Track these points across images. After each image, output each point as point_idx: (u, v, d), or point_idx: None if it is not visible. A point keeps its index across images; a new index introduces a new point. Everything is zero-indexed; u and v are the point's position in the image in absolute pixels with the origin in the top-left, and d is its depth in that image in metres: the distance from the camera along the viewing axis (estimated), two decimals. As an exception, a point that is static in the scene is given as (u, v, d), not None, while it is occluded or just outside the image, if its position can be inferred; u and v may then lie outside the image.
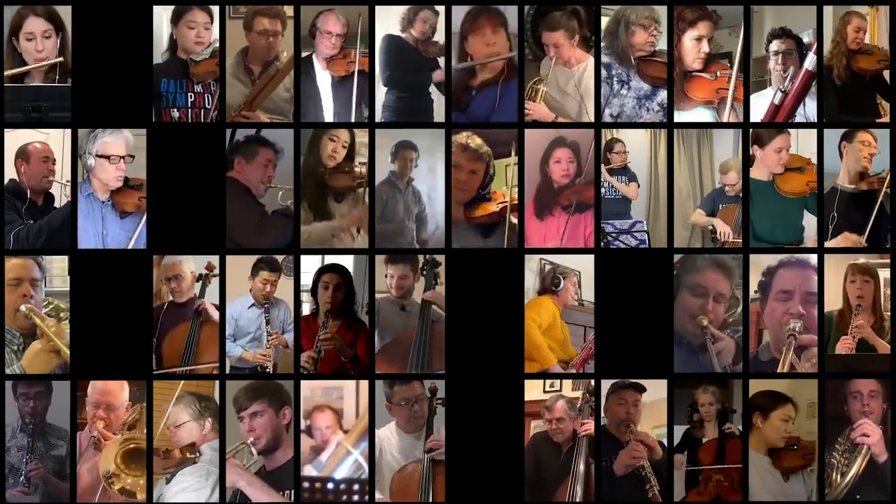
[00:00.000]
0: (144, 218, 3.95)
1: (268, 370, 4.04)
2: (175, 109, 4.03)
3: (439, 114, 4.07)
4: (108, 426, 3.90)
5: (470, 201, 4.06)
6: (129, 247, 3.96)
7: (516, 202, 4.02)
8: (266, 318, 4.10)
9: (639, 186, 4.24)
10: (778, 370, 3.89)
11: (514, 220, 4.04)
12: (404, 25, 4.08)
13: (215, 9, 4.03)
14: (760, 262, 3.99)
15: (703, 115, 4.07)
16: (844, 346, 3.92)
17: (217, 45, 4.03)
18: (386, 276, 4.06)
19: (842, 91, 4.04)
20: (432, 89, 4.09)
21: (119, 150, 3.93)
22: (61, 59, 3.95)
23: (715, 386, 3.96)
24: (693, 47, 4.03)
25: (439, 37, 4.07)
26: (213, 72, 4.02)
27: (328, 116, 4.08)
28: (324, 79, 4.09)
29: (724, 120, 4.04)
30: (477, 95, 4.06)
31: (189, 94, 4.04)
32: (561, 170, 4.08)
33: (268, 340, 4.07)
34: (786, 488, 3.95)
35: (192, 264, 4.04)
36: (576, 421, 3.95)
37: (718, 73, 4.04)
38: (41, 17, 3.94)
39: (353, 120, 4.04)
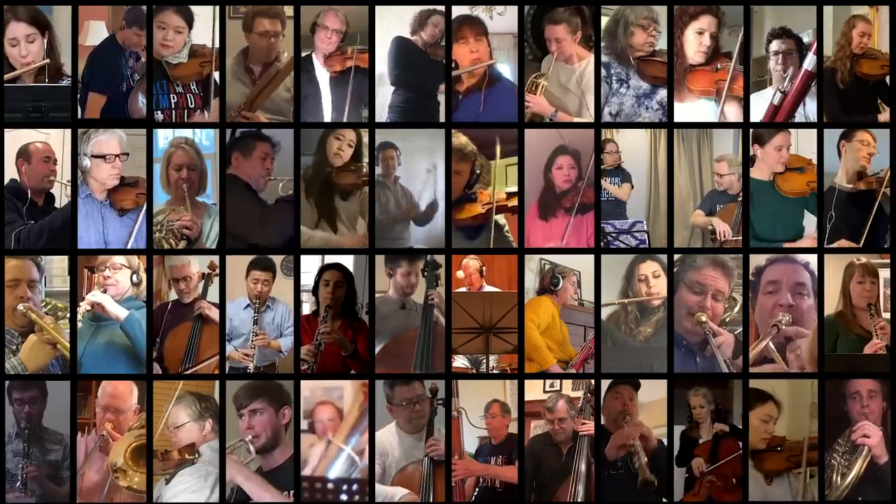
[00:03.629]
0: (143, 213, 3.96)
1: (248, 370, 4.01)
2: (159, 112, 4.03)
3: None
4: (117, 428, 3.91)
5: (455, 202, 4.06)
6: (130, 244, 3.96)
7: (503, 203, 4.03)
8: (254, 319, 4.09)
9: (632, 187, 4.25)
10: (750, 353, 3.89)
11: (502, 221, 4.07)
12: (414, 28, 4.09)
13: (205, 10, 4.01)
14: (752, 263, 3.99)
15: (704, 106, 4.08)
16: (875, 348, 3.91)
17: (189, 46, 4.03)
18: (390, 273, 4.07)
19: (844, 95, 4.05)
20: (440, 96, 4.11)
21: (113, 149, 3.93)
22: (48, 61, 3.94)
23: (707, 388, 3.96)
24: (695, 40, 4.04)
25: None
26: (199, 73, 4.01)
27: (327, 113, 4.09)
28: (323, 76, 4.10)
29: (721, 109, 4.04)
30: (464, 100, 4.08)
31: (171, 95, 4.04)
32: (563, 176, 4.10)
33: (252, 340, 4.06)
34: (768, 492, 3.94)
35: (198, 264, 4.05)
36: (577, 420, 3.95)
37: (719, 66, 4.05)
38: (23, 21, 3.91)
39: (346, 117, 4.06)
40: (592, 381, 3.96)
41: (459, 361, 4.10)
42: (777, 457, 3.93)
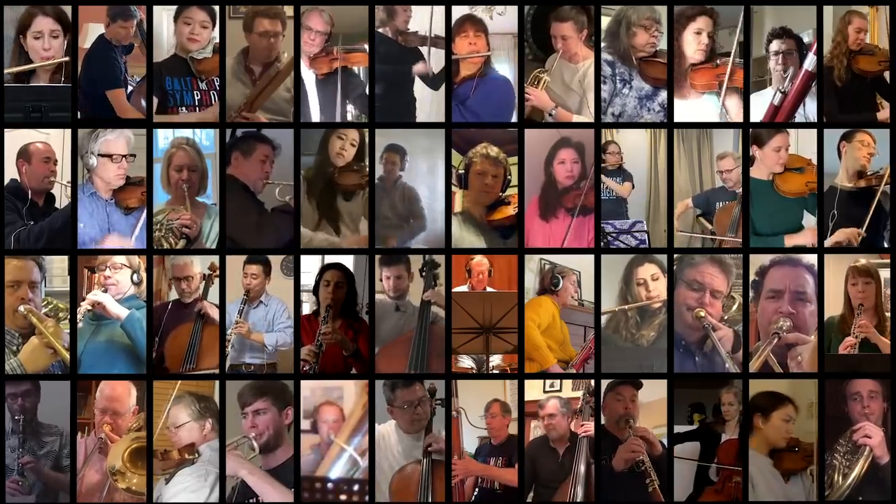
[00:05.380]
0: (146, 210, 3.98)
1: (227, 353, 4.00)
2: (184, 108, 4.04)
3: (422, 111, 4.08)
4: (115, 430, 3.91)
5: (490, 206, 4.09)
6: (135, 235, 3.97)
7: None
8: (240, 310, 4.10)
9: (633, 187, 4.24)
10: (751, 364, 3.88)
11: None
12: (382, 20, 4.07)
13: (217, 9, 4.03)
14: (754, 262, 3.99)
15: (707, 102, 4.08)
16: (847, 346, 3.91)
17: (217, 42, 4.04)
18: (381, 278, 4.07)
19: (842, 93, 4.04)
20: (416, 87, 4.10)
21: (120, 149, 3.94)
22: (67, 58, 3.96)
23: (739, 388, 3.95)
24: (694, 40, 4.05)
25: (415, 25, 4.08)
26: (217, 69, 4.03)
27: (315, 115, 4.08)
28: (309, 78, 4.09)
29: (722, 102, 4.03)
30: (457, 88, 4.08)
31: (195, 91, 4.04)
32: (565, 171, 4.09)
33: (231, 329, 4.06)
34: (786, 489, 3.94)
35: (200, 265, 4.05)
36: (576, 420, 3.95)
37: (719, 62, 4.05)
38: (50, 16, 3.95)
39: (338, 117, 4.06)
40: (592, 382, 3.96)
41: (464, 362, 4.11)
42: (794, 456, 3.94)
